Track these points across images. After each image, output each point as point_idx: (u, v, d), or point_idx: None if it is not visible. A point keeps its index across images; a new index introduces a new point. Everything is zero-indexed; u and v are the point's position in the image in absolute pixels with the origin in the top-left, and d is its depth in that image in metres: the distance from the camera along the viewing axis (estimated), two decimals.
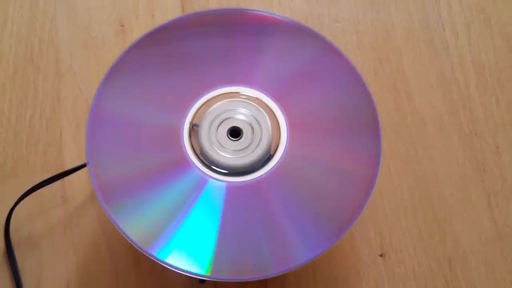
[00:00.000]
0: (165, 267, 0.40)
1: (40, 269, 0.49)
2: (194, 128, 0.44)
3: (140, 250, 0.40)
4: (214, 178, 0.43)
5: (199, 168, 0.43)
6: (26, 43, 0.57)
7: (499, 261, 0.51)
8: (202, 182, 0.42)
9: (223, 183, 0.43)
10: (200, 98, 0.45)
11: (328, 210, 0.42)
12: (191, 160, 0.43)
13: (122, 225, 0.41)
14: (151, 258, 0.40)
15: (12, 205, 0.49)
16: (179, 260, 0.40)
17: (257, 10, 0.48)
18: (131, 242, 0.40)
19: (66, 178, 0.51)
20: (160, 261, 0.40)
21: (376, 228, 0.52)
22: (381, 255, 0.51)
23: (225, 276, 0.40)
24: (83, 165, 0.49)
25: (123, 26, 0.58)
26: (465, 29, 0.59)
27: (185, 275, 0.40)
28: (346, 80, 0.45)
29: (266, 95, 0.45)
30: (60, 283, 0.49)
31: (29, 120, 0.54)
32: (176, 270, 0.40)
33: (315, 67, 0.46)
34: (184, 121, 0.44)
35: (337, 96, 0.45)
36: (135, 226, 0.41)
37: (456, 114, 0.56)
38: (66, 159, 0.53)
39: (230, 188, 0.43)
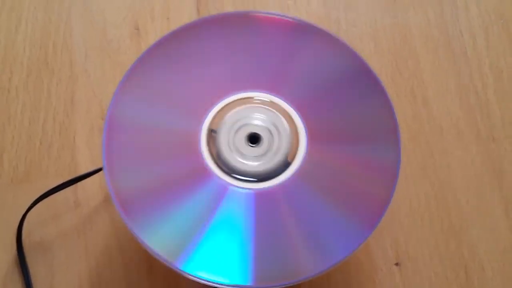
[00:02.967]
0: (179, 274, 0.40)
1: (52, 275, 0.49)
2: (212, 134, 0.43)
3: (173, 268, 0.40)
4: (235, 186, 0.42)
5: (219, 177, 0.42)
6: (40, 46, 0.57)
7: None
8: (223, 191, 0.42)
9: (245, 190, 0.42)
10: (218, 103, 0.44)
11: (352, 209, 0.42)
12: (211, 168, 0.42)
13: (147, 241, 0.40)
14: (181, 273, 0.40)
15: (24, 210, 0.49)
16: (215, 274, 0.40)
17: (278, 14, 0.47)
18: (167, 264, 0.40)
19: (79, 183, 0.50)
20: (189, 274, 0.40)
21: (392, 236, 0.51)
22: (396, 264, 0.50)
23: (263, 284, 0.40)
24: (97, 170, 0.49)
25: (138, 29, 0.58)
26: (484, 34, 0.59)
27: (201, 282, 0.40)
28: (368, 91, 0.45)
29: (284, 101, 0.45)
30: None
31: (42, 123, 0.54)
32: (205, 283, 0.40)
33: (336, 75, 0.45)
34: (202, 127, 0.44)
35: (358, 106, 0.45)
36: (160, 241, 0.40)
37: (474, 120, 0.55)
38: (80, 164, 0.53)
39: (252, 195, 0.42)
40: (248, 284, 0.40)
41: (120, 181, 0.42)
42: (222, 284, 0.39)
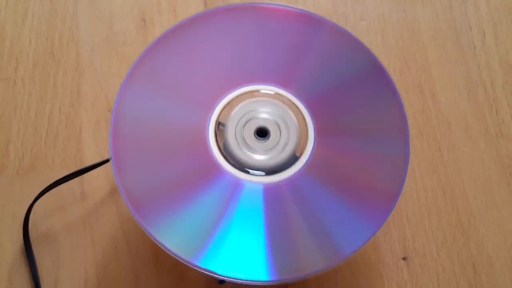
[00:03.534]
0: (186, 266, 0.39)
1: (58, 266, 0.49)
2: (220, 128, 0.43)
3: (188, 264, 0.39)
4: (247, 180, 0.42)
5: (229, 172, 0.42)
6: (47, 37, 0.57)
7: None
8: (237, 186, 0.42)
9: (254, 184, 0.42)
10: (226, 96, 0.44)
11: (361, 204, 0.42)
12: (220, 163, 0.42)
13: (160, 238, 0.40)
14: (200, 270, 0.39)
15: (30, 201, 0.48)
16: (231, 268, 0.39)
17: (286, 6, 0.47)
18: (176, 257, 0.39)
19: (85, 175, 0.50)
20: (212, 272, 0.39)
21: (400, 231, 0.51)
22: (404, 259, 0.50)
23: (281, 276, 0.39)
24: (104, 162, 0.49)
25: (144, 21, 0.58)
26: (492, 29, 0.58)
27: (210, 275, 0.39)
28: (377, 86, 0.45)
29: (293, 95, 0.44)
30: (78, 280, 0.48)
31: (49, 115, 0.54)
32: (233, 280, 0.39)
33: (344, 68, 0.45)
34: (210, 120, 0.43)
35: (366, 98, 0.44)
36: (174, 238, 0.40)
37: (482, 116, 0.55)
38: (85, 155, 0.52)
39: (262, 189, 0.42)
40: (267, 278, 0.39)
41: (127, 174, 0.41)
42: (240, 279, 0.39)
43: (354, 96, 0.45)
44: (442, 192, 0.52)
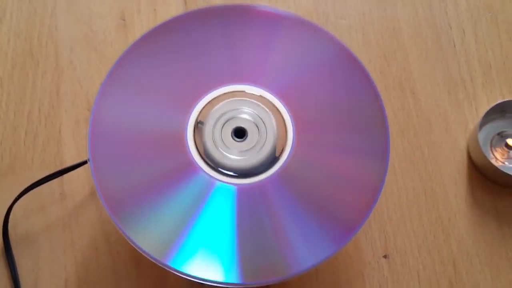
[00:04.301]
0: (166, 268, 0.39)
1: (38, 268, 0.48)
2: (198, 126, 0.43)
3: (156, 262, 0.39)
4: (221, 181, 0.42)
5: (205, 171, 0.42)
6: (25, 37, 0.56)
7: (504, 264, 0.50)
8: (209, 186, 0.41)
9: (230, 186, 0.42)
10: (205, 97, 0.44)
11: (337, 211, 0.41)
12: (197, 162, 0.42)
13: (132, 235, 0.40)
14: (167, 268, 0.39)
15: (9, 202, 0.48)
16: (196, 268, 0.39)
17: (265, 7, 0.47)
18: (146, 255, 0.39)
19: (65, 175, 0.50)
20: (176, 270, 0.39)
21: (381, 228, 0.51)
22: (385, 256, 0.50)
23: (243, 280, 0.39)
24: (83, 163, 0.48)
25: (124, 20, 0.57)
26: (472, 27, 0.58)
27: (188, 278, 0.39)
28: (355, 81, 0.45)
29: (272, 94, 0.44)
30: (58, 281, 0.48)
31: (28, 115, 0.53)
32: (192, 279, 0.39)
33: (323, 67, 0.45)
34: (189, 120, 0.43)
35: (345, 97, 0.44)
36: (145, 236, 0.40)
37: (462, 114, 0.55)
38: (65, 156, 0.52)
39: (237, 190, 0.41)
40: (235, 281, 0.39)
41: (106, 175, 0.41)
42: (209, 281, 0.39)
43: (333, 95, 0.45)
44: (423, 190, 0.52)
